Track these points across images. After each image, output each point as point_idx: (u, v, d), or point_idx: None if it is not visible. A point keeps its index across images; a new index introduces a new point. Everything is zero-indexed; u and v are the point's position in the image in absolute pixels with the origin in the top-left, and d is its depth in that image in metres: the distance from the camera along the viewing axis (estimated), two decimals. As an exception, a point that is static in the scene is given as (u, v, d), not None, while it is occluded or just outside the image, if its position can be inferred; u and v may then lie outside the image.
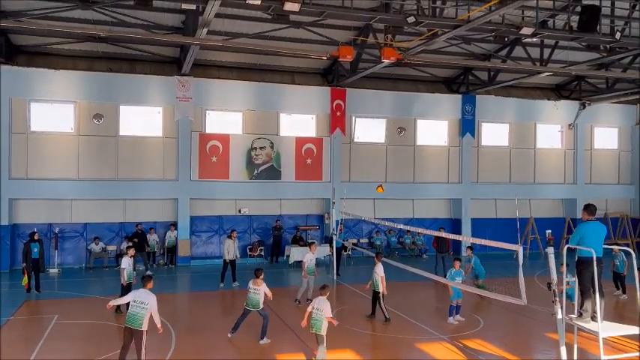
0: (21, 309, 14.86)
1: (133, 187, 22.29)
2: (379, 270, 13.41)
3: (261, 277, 11.97)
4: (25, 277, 16.42)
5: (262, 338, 11.68)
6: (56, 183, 21.35)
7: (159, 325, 9.61)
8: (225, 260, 18.07)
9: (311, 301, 14.89)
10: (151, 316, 9.47)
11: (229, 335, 11.92)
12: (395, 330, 12.62)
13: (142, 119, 22.67)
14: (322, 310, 10.18)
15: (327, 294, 10.58)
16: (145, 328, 9.41)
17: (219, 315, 14.96)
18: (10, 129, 20.85)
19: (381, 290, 13.28)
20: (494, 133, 27.60)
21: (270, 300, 12.02)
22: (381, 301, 13.27)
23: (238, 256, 18.83)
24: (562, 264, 12.96)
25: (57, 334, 12.25)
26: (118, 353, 10.23)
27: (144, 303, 9.45)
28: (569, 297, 10.79)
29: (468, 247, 15.20)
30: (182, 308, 16.35)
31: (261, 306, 11.85)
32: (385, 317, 13.14)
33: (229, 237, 18.50)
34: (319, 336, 10.19)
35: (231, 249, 18.08)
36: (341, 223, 20.97)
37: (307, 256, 15.60)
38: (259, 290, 11.82)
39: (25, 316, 14.33)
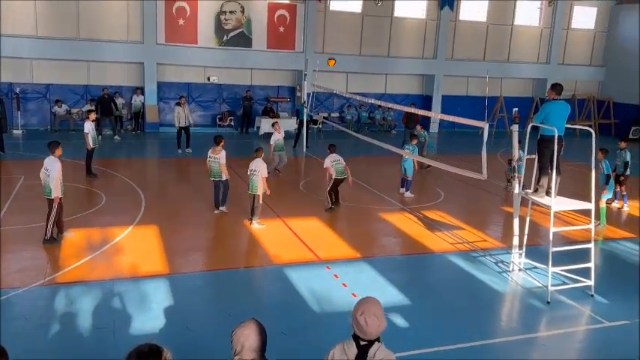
0: (-14, 169, 14.75)
1: (96, 48, 21.27)
2: (328, 160, 12.18)
3: (221, 144, 11.18)
4: (-12, 138, 16.13)
5: (222, 205, 11.56)
6: (13, 40, 20.13)
7: (53, 195, 9.06)
8: (177, 128, 18.07)
9: (279, 172, 15.16)
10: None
11: (215, 212, 11.52)
12: (359, 200, 13.07)
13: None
14: (258, 170, 10.57)
15: (262, 155, 10.86)
16: (53, 195, 9.05)
17: (186, 180, 15.17)
18: (-43, -22, 19.21)
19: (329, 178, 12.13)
20: (473, 8, 26.75)
21: (227, 176, 11.35)
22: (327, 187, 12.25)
23: (192, 122, 18.90)
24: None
25: (24, 193, 12.27)
26: (85, 215, 10.46)
27: (47, 170, 9.05)
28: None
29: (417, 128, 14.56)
30: (150, 174, 16.48)
31: (224, 177, 11.29)
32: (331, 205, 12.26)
33: (178, 104, 18.34)
34: (256, 196, 10.64)
35: (181, 116, 18.00)
36: (312, 97, 20.68)
37: (273, 137, 15.24)
38: (218, 159, 11.16)
39: (-10, 176, 14.25)
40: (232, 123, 23.84)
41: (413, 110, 14.85)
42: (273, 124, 16.12)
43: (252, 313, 3.82)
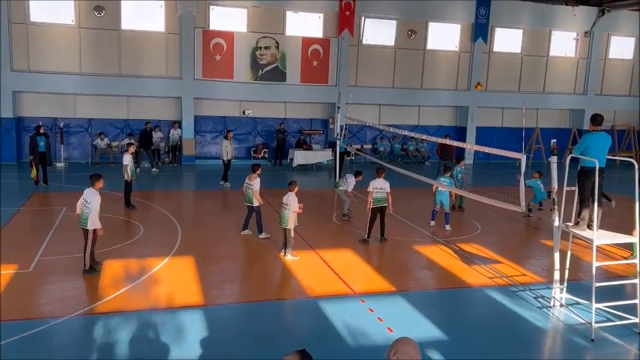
0: (30, 200, 15.23)
1: (136, 84, 22.02)
2: (372, 184, 12.03)
3: (258, 172, 11.93)
4: (34, 170, 16.72)
5: (260, 233, 12.03)
6: (59, 77, 21.10)
7: (95, 227, 9.24)
8: (224, 160, 18.31)
9: (348, 217, 14.55)
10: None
11: (242, 233, 12.31)
12: (394, 233, 12.93)
13: (144, 13, 21.91)
14: (289, 204, 10.61)
15: (295, 189, 10.88)
16: (90, 227, 9.19)
17: (221, 212, 15.33)
18: (9, 19, 20.26)
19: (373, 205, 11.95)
20: (506, 39, 26.72)
21: (260, 203, 11.91)
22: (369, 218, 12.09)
23: (233, 155, 19.20)
24: (537, 172, 13.99)
25: (66, 225, 12.58)
26: (123, 246, 10.63)
27: (87, 202, 9.21)
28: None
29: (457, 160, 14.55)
30: (187, 205, 16.73)
31: (256, 203, 11.83)
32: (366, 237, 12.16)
33: (225, 137, 18.63)
34: (287, 230, 10.67)
35: (229, 149, 18.25)
36: (345, 129, 20.88)
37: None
38: (252, 185, 11.78)
39: (34, 207, 14.71)
40: (266, 155, 24.16)
41: (447, 142, 14.76)
42: (357, 174, 14.67)
43: (285, 345, 3.80)
